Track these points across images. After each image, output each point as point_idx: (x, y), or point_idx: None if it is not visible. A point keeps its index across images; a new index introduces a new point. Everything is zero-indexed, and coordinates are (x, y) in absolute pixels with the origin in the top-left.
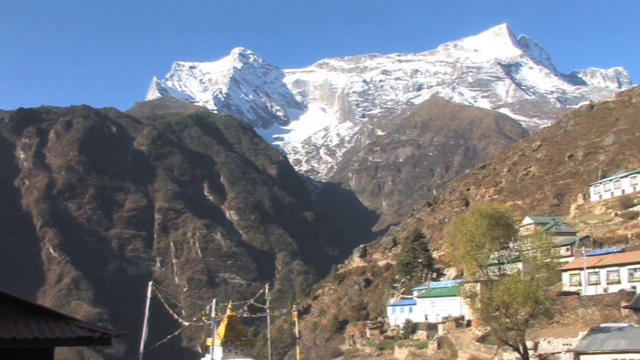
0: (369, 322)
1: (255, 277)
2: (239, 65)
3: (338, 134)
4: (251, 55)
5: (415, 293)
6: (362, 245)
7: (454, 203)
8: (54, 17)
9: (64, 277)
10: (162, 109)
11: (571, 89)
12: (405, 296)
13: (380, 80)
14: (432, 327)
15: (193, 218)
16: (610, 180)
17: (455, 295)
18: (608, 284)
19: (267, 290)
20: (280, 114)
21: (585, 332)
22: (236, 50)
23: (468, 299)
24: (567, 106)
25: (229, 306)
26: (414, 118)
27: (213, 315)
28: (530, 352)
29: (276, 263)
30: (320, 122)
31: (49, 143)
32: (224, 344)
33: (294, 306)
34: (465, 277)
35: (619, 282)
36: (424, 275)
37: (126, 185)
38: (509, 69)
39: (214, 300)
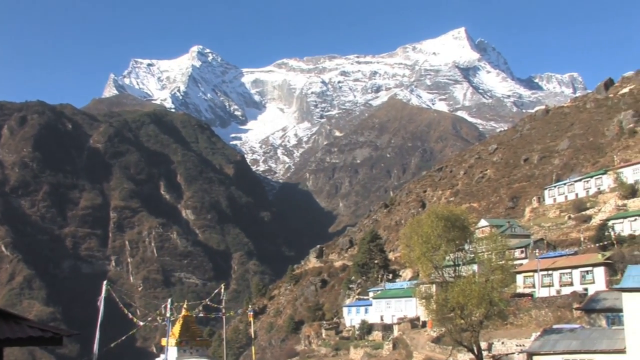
0: (324, 322)
1: (211, 276)
2: (198, 63)
3: (296, 135)
4: (210, 54)
5: (371, 294)
6: (318, 246)
7: (410, 205)
8: (8, 11)
9: (16, 275)
10: (119, 106)
11: (527, 93)
12: (361, 297)
13: (339, 82)
14: (387, 328)
15: (149, 217)
16: (564, 184)
17: (410, 297)
18: (561, 286)
19: (223, 290)
20: (238, 113)
21: (538, 333)
22: (195, 49)
23: (423, 300)
24: (524, 110)
25: (184, 306)
26: (372, 119)
27: (168, 315)
28: (485, 353)
29: (232, 263)
30: (278, 122)
31: (2, 139)
32: (179, 344)
33: (250, 306)
34: (420, 279)
35: (571, 284)
36: (379, 276)
37: (81, 183)
38: (467, 72)
39: (169, 300)
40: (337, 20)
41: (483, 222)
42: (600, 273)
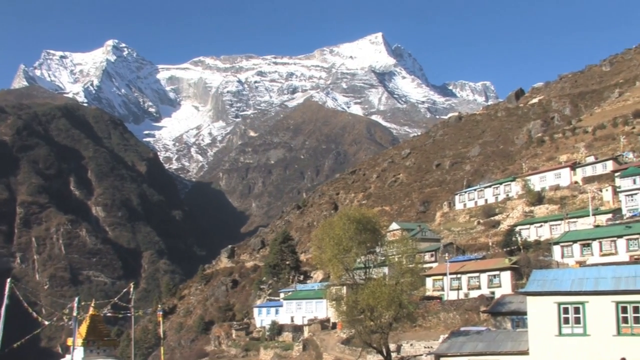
0: (235, 323)
1: (121, 275)
2: (112, 58)
3: (210, 133)
4: (125, 49)
5: (282, 295)
6: (230, 246)
7: (323, 206)
8: None
9: None
10: (29, 98)
11: (441, 100)
12: (272, 298)
13: (255, 82)
14: (297, 329)
15: (57, 213)
16: (475, 189)
17: (321, 298)
18: (469, 289)
19: (132, 289)
20: (152, 110)
21: (446, 336)
22: (110, 43)
23: (334, 302)
24: (437, 116)
25: (92, 305)
26: (287, 121)
27: (75, 314)
28: (393, 355)
29: (142, 261)
30: (192, 120)
31: None
32: (86, 344)
33: (160, 306)
34: (331, 280)
35: (479, 287)
36: (291, 277)
37: None
38: (383, 77)
39: (76, 299)
40: (255, 20)
41: (394, 226)
42: (506, 277)
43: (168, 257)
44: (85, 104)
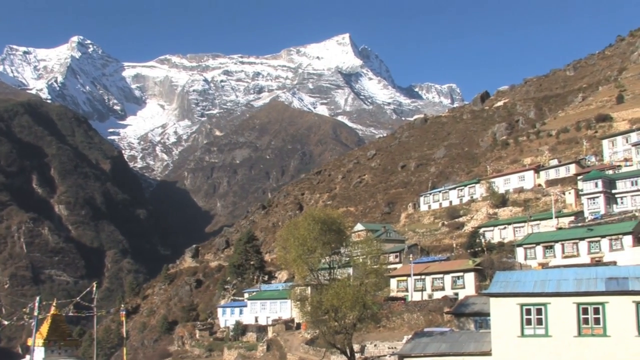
0: (198, 323)
1: (84, 274)
2: (77, 54)
3: (175, 132)
4: (90, 45)
5: (246, 295)
6: (194, 246)
7: (288, 207)
8: None
9: None
10: None
11: (407, 101)
12: (236, 298)
13: (222, 81)
14: (262, 330)
15: (19, 211)
16: (439, 191)
17: (286, 298)
18: (433, 290)
19: (94, 289)
20: (117, 107)
21: (410, 336)
22: (75, 39)
23: (298, 302)
24: (403, 118)
25: (54, 304)
26: (252, 120)
27: (35, 313)
28: (357, 355)
29: (106, 261)
30: (158, 118)
31: None
32: (47, 344)
33: (122, 306)
34: (296, 281)
35: (443, 288)
36: (255, 277)
37: None
38: (349, 78)
39: (37, 298)
40: (222, 19)
41: (359, 226)
42: (470, 278)
43: (132, 257)
44: (49, 101)
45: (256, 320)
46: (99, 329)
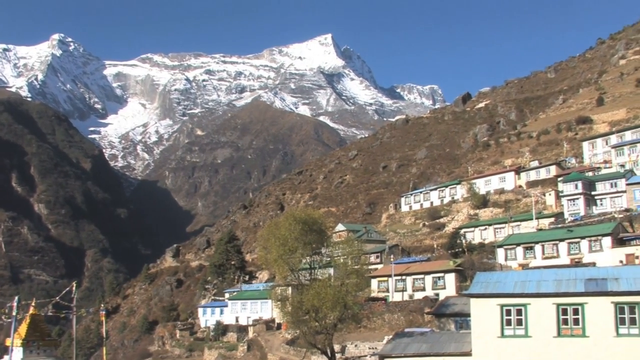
0: (179, 323)
1: (63, 274)
2: (58, 52)
3: (157, 131)
4: (72, 43)
5: (227, 295)
6: (175, 245)
7: (269, 207)
8: None
9: None
10: None
11: (389, 102)
12: (217, 298)
13: (204, 80)
14: (242, 330)
15: None
16: (420, 192)
17: (266, 298)
18: (414, 290)
19: (74, 288)
20: (98, 106)
21: (390, 337)
22: (56, 37)
23: (279, 302)
24: (385, 119)
25: (33, 304)
26: (234, 120)
27: (14, 313)
28: (338, 356)
29: (86, 260)
30: (139, 117)
31: None
32: (25, 344)
33: (102, 305)
34: (277, 281)
35: (423, 289)
36: (236, 277)
37: None
38: (331, 78)
39: (16, 298)
40: (204, 18)
41: (340, 227)
42: (451, 279)
43: (112, 256)
44: (29, 99)
45: (237, 321)
46: (79, 329)
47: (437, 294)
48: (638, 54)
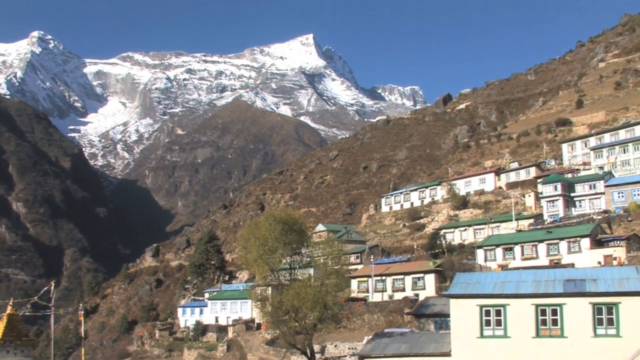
0: (158, 323)
1: (42, 273)
2: (38, 50)
3: (137, 130)
4: (51, 41)
5: (206, 295)
6: (155, 245)
7: (249, 207)
8: None
9: None
10: None
11: (370, 103)
12: (197, 298)
13: (184, 79)
14: (222, 330)
15: None
16: (401, 192)
17: (246, 298)
18: (393, 291)
19: (52, 288)
20: (78, 104)
21: (370, 337)
22: (35, 34)
23: (259, 303)
24: (365, 119)
25: (10, 303)
26: (215, 120)
27: None
28: (318, 356)
29: (64, 259)
30: (119, 116)
31: None
32: (2, 344)
33: (81, 305)
34: (256, 281)
35: (403, 289)
36: (216, 277)
37: None
38: (312, 78)
39: None
40: (185, 17)
41: (320, 227)
42: (430, 280)
43: (91, 255)
44: (8, 97)
45: (216, 321)
46: (57, 329)
47: (417, 295)
48: (617, 57)
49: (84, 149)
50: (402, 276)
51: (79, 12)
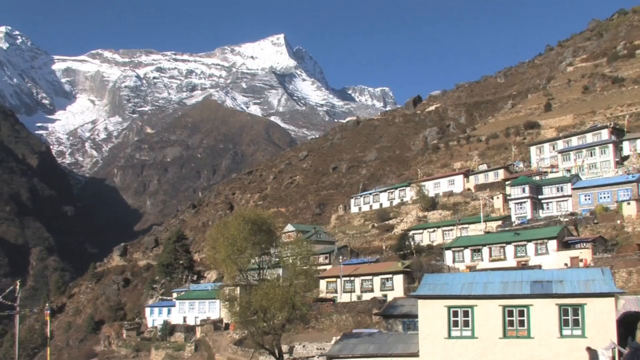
0: (126, 322)
1: (7, 272)
2: (5, 45)
3: (106, 128)
4: (19, 37)
5: (174, 295)
6: (123, 244)
7: (218, 206)
8: None
9: None
10: None
11: (340, 103)
12: (165, 297)
13: (154, 77)
14: (190, 330)
15: None
16: (370, 193)
17: (214, 299)
18: (362, 291)
19: (18, 287)
20: (46, 101)
21: (338, 337)
22: (2, 29)
23: (227, 303)
24: (335, 120)
25: None
26: (185, 119)
27: None
28: (286, 356)
29: (30, 258)
30: (88, 114)
31: None
32: None
33: (47, 304)
34: (225, 281)
35: (372, 290)
36: (184, 277)
37: None
38: (283, 78)
39: None
40: (156, 15)
41: (289, 227)
42: (399, 280)
43: (58, 254)
44: None
45: (184, 320)
46: (22, 329)
47: (386, 295)
48: (585, 62)
49: (51, 147)
50: (370, 277)
51: (48, 8)
